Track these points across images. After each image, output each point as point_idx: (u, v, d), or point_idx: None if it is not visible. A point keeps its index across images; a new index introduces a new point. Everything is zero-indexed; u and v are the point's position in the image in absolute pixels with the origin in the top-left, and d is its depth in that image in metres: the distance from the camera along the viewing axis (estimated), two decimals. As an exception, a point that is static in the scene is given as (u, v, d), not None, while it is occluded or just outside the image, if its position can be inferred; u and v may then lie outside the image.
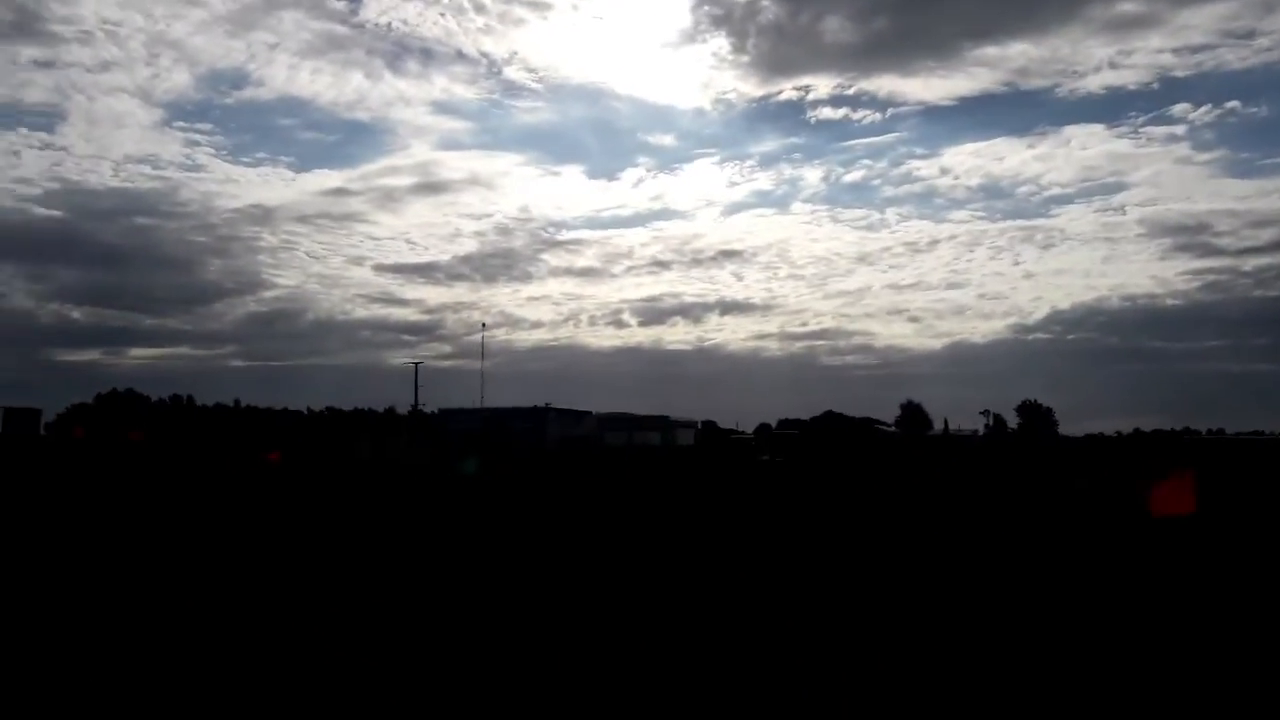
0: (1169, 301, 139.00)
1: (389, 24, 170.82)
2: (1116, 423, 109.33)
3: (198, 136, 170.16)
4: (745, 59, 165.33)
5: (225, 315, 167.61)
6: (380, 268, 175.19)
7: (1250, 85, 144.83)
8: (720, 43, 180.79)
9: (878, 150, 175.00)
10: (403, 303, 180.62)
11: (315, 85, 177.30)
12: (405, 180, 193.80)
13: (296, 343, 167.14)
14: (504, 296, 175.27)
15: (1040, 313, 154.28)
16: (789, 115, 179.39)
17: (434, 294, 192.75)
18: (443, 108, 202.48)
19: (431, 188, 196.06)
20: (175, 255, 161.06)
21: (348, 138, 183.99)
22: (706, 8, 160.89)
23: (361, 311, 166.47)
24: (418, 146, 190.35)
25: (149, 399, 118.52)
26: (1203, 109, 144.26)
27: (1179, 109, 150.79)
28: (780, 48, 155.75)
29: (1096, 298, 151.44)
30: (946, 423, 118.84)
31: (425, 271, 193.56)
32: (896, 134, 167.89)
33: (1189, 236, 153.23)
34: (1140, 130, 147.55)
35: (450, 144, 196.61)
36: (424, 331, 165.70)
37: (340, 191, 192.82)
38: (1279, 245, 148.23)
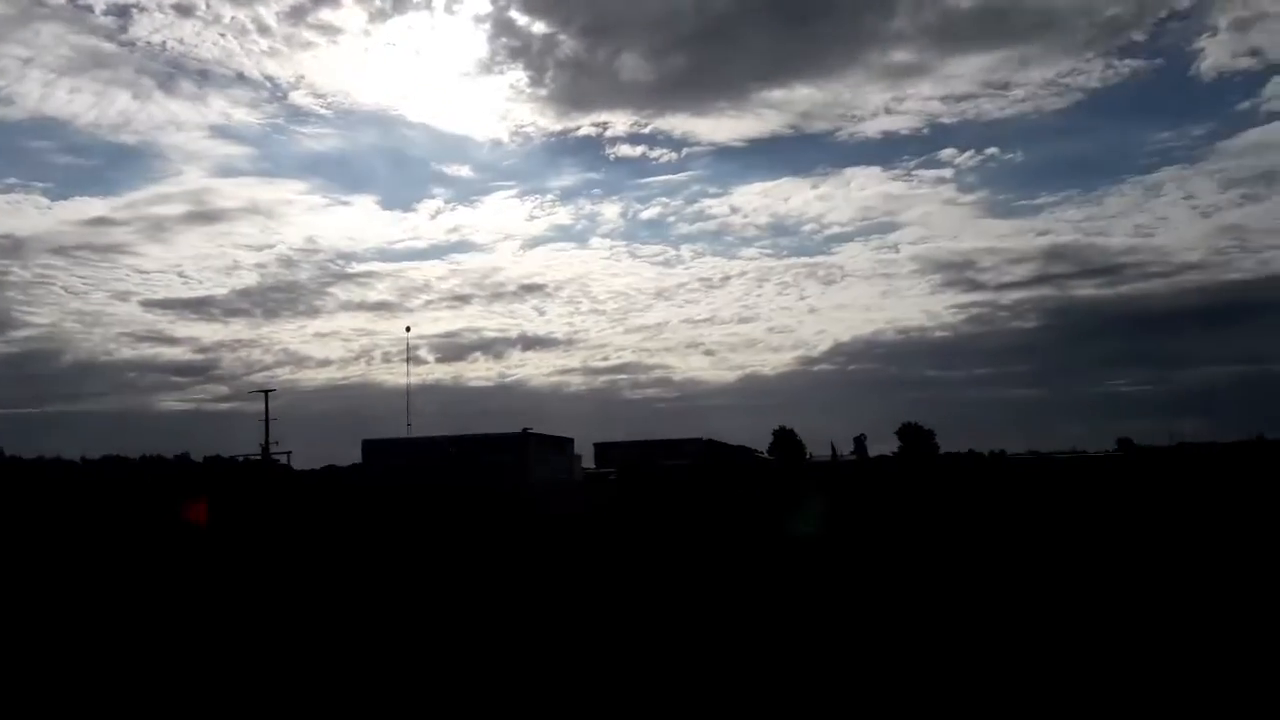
0: (938, 333, 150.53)
1: (162, 43, 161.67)
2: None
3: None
4: (543, 92, 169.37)
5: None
6: (148, 303, 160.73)
7: (1007, 133, 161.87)
8: (518, 75, 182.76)
9: (673, 188, 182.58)
10: (173, 341, 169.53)
11: (74, 105, 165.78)
12: (177, 209, 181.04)
13: (52, 386, 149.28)
14: (288, 333, 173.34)
15: (824, 345, 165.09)
16: (587, 150, 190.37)
17: (209, 331, 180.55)
18: (221, 132, 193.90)
19: (206, 217, 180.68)
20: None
21: (112, 162, 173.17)
22: (504, 39, 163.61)
23: (127, 351, 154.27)
24: (191, 173, 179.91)
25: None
26: (967, 154, 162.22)
27: (946, 153, 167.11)
28: (578, 82, 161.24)
29: (874, 330, 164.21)
30: (834, 447, 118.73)
31: (199, 307, 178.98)
32: (690, 172, 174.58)
33: (955, 273, 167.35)
34: (912, 173, 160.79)
35: (227, 170, 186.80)
36: (197, 372, 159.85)
37: (103, 221, 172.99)
38: (1033, 280, 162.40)
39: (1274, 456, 63.36)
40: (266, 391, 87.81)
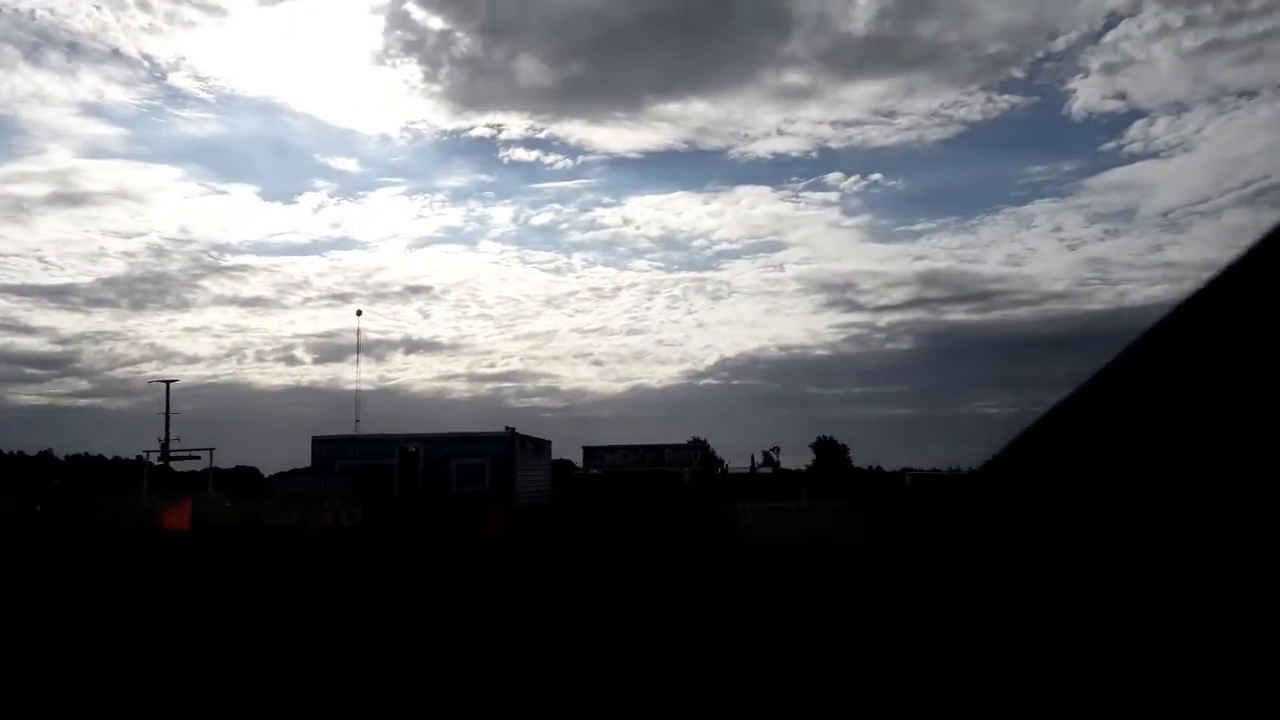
0: (819, 352, 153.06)
1: (30, 10, 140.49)
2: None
3: None
4: (437, 89, 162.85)
5: None
6: (2, 289, 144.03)
7: (890, 160, 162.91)
8: (412, 70, 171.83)
9: (566, 195, 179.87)
10: (29, 330, 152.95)
11: None
12: (39, 189, 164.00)
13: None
14: (155, 327, 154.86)
15: (710, 359, 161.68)
16: (481, 151, 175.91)
17: (69, 321, 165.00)
18: (91, 110, 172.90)
19: (71, 199, 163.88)
20: None
21: None
22: (399, 32, 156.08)
23: None
24: (56, 152, 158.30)
25: None
26: (852, 178, 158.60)
27: (832, 177, 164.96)
28: (474, 82, 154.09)
29: (758, 347, 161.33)
30: (754, 460, 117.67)
31: (59, 295, 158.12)
32: (584, 180, 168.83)
33: (837, 293, 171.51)
34: (800, 194, 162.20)
35: (97, 151, 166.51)
36: (55, 365, 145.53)
37: None
38: (908, 304, 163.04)
39: None
40: (168, 383, 78.97)
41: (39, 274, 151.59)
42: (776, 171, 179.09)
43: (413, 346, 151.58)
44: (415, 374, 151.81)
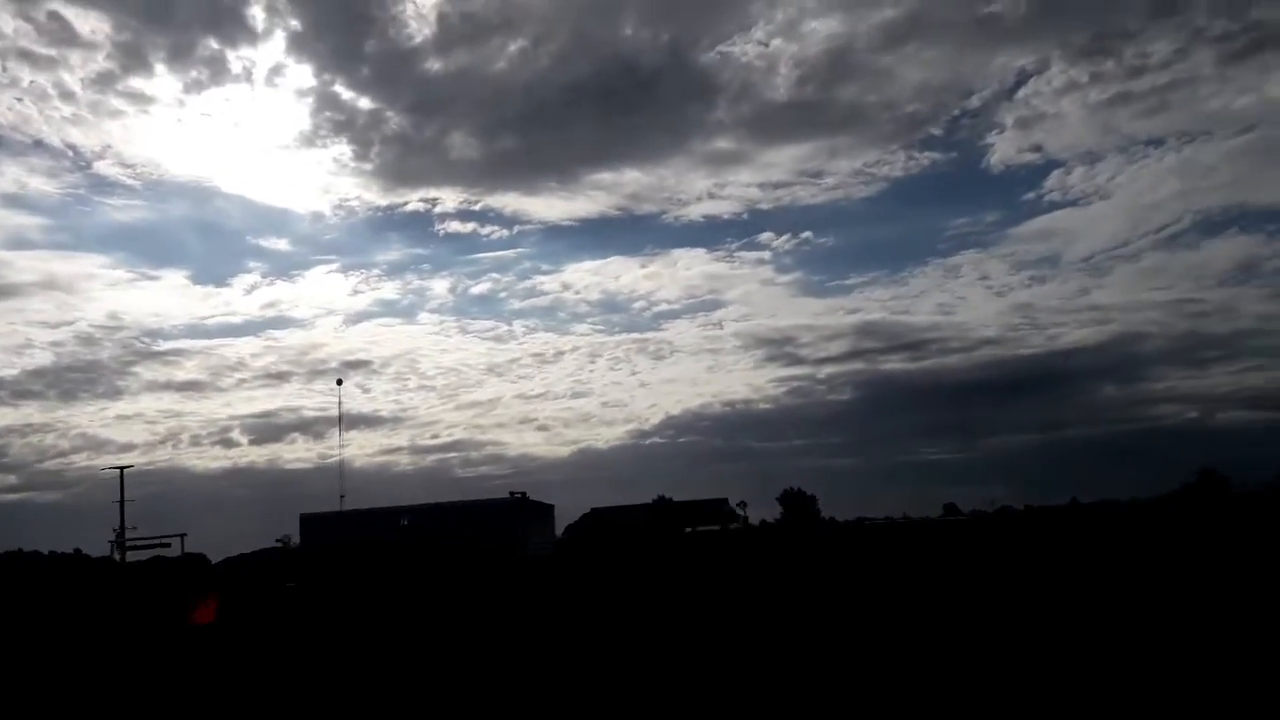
0: (761, 405, 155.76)
1: None
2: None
3: None
4: (369, 167, 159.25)
5: None
6: None
7: (818, 217, 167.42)
8: (342, 149, 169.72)
9: (504, 264, 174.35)
10: None
11: None
12: None
13: None
14: (86, 416, 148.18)
15: (655, 418, 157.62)
16: (415, 226, 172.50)
17: None
18: (13, 202, 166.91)
19: None
20: None
21: None
22: (328, 113, 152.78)
23: None
24: None
25: None
26: (783, 237, 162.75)
27: (764, 236, 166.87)
28: (406, 159, 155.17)
29: (702, 403, 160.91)
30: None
31: None
32: (521, 249, 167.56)
33: (776, 348, 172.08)
34: (734, 254, 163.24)
35: (19, 243, 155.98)
36: None
37: None
38: (846, 356, 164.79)
39: (1091, 518, 68.41)
40: (122, 469, 73.79)
41: None
42: (710, 234, 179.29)
43: (353, 422, 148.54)
44: (357, 449, 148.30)
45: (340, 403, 72.88)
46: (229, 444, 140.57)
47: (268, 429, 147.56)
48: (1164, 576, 23.57)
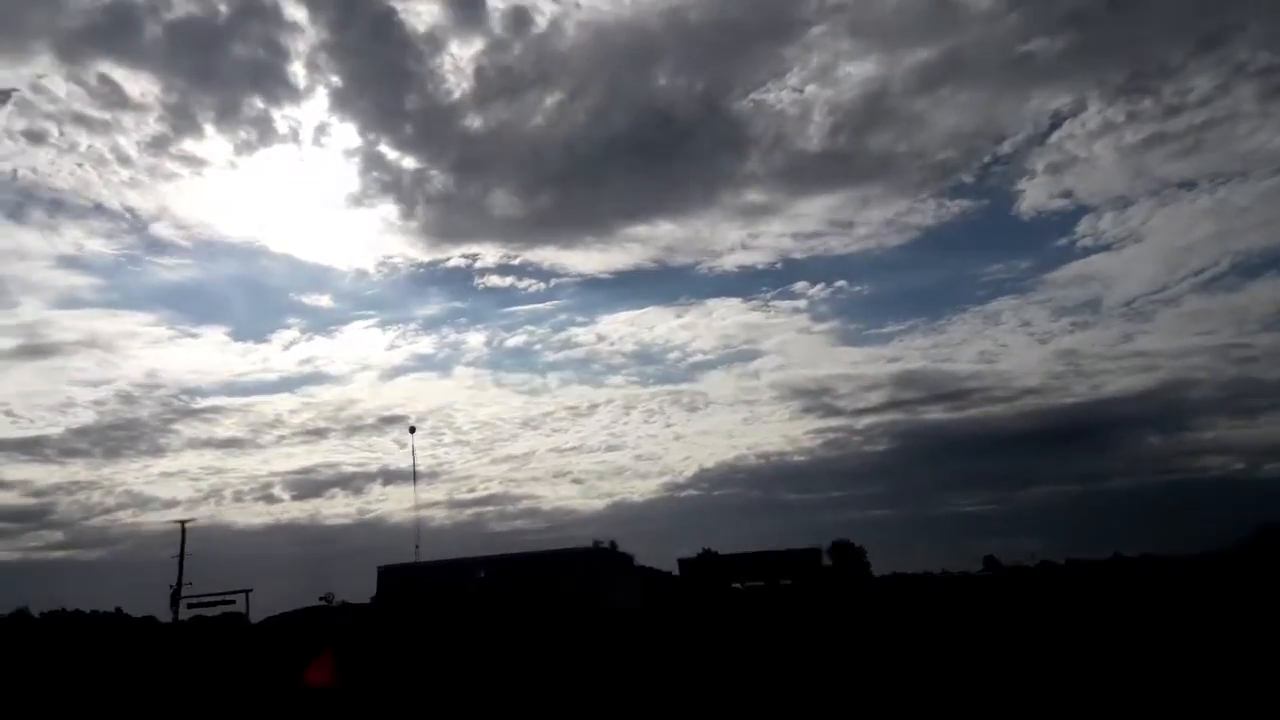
0: (797, 457, 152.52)
1: (13, 170, 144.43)
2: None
3: None
4: (414, 224, 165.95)
5: None
6: None
7: (852, 266, 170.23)
8: (389, 208, 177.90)
9: (540, 316, 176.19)
10: (1, 484, 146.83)
11: None
12: (7, 343, 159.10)
13: None
14: (130, 474, 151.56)
15: (690, 471, 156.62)
16: (456, 281, 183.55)
17: (42, 473, 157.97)
18: (68, 262, 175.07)
19: (39, 351, 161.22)
20: None
21: None
22: (375, 174, 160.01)
23: None
24: (29, 304, 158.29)
25: None
26: (818, 286, 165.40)
27: (799, 286, 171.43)
28: (449, 216, 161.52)
29: (737, 455, 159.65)
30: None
31: (30, 448, 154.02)
32: (557, 301, 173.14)
33: (812, 399, 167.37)
34: (769, 304, 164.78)
35: (70, 302, 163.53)
36: (30, 518, 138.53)
37: None
38: (884, 406, 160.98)
39: (1134, 572, 67.20)
40: (183, 523, 75.37)
41: (8, 427, 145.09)
42: (745, 283, 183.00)
43: (390, 477, 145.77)
44: (395, 504, 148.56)
45: (414, 451, 73.08)
46: (271, 500, 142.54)
47: (307, 484, 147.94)
48: (1225, 635, 22.81)
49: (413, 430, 72.68)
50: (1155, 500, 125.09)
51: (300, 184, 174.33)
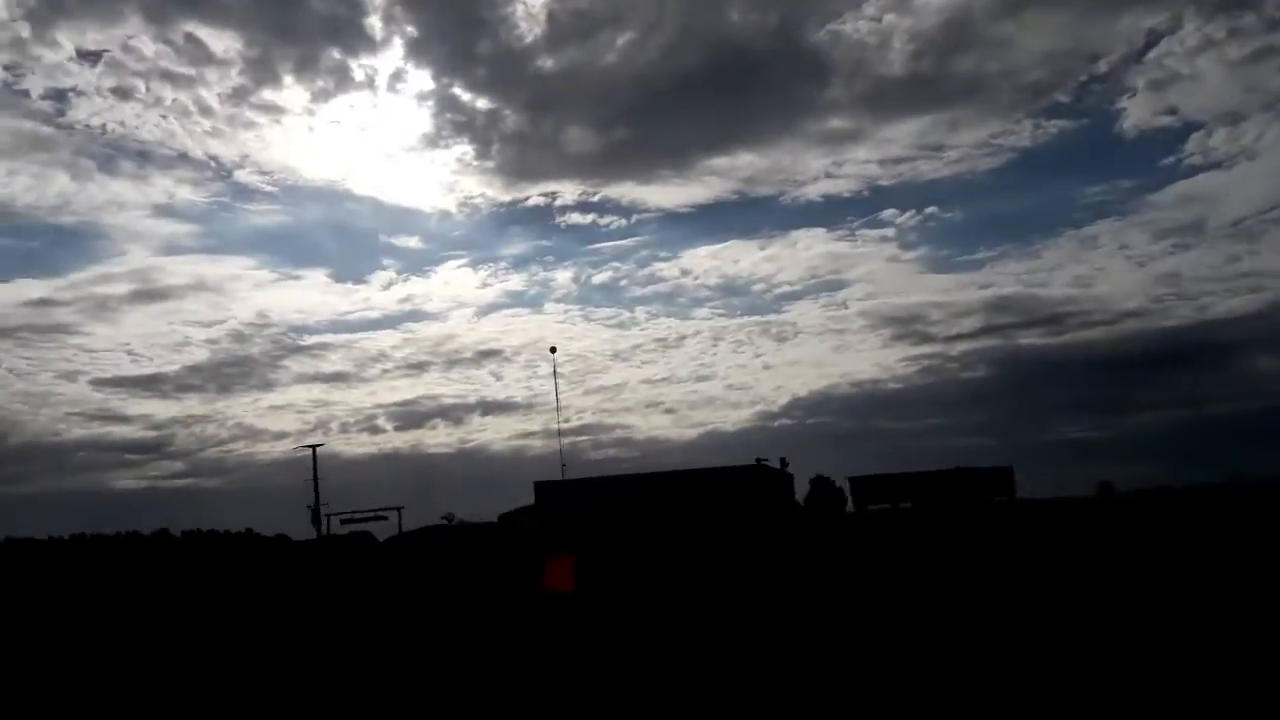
0: (891, 385, 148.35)
1: (102, 125, 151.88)
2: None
3: None
4: (490, 165, 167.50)
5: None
6: (98, 382, 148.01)
7: (942, 191, 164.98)
8: (464, 149, 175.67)
9: (623, 253, 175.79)
10: (125, 419, 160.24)
11: (12, 187, 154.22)
12: (122, 288, 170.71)
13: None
14: (242, 407, 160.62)
15: (782, 400, 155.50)
16: (537, 219, 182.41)
17: (161, 408, 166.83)
18: (164, 211, 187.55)
19: (153, 295, 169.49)
20: None
21: (53, 244, 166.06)
22: (448, 115, 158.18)
23: (78, 431, 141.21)
24: (136, 252, 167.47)
25: None
26: (907, 213, 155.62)
27: (887, 214, 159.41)
28: (525, 155, 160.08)
29: (829, 384, 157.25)
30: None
31: (150, 384, 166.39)
32: (640, 237, 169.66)
33: (903, 326, 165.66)
34: (856, 233, 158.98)
35: (172, 249, 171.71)
36: (151, 450, 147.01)
37: (46, 302, 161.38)
38: (979, 332, 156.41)
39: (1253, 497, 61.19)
40: (314, 447, 76.47)
41: (129, 366, 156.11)
42: (829, 213, 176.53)
43: (489, 408, 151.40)
44: (494, 434, 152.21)
45: (555, 371, 72.14)
46: (375, 430, 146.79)
47: (410, 416, 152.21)
48: None
49: (553, 350, 72.20)
50: (1268, 424, 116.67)
51: (377, 129, 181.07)
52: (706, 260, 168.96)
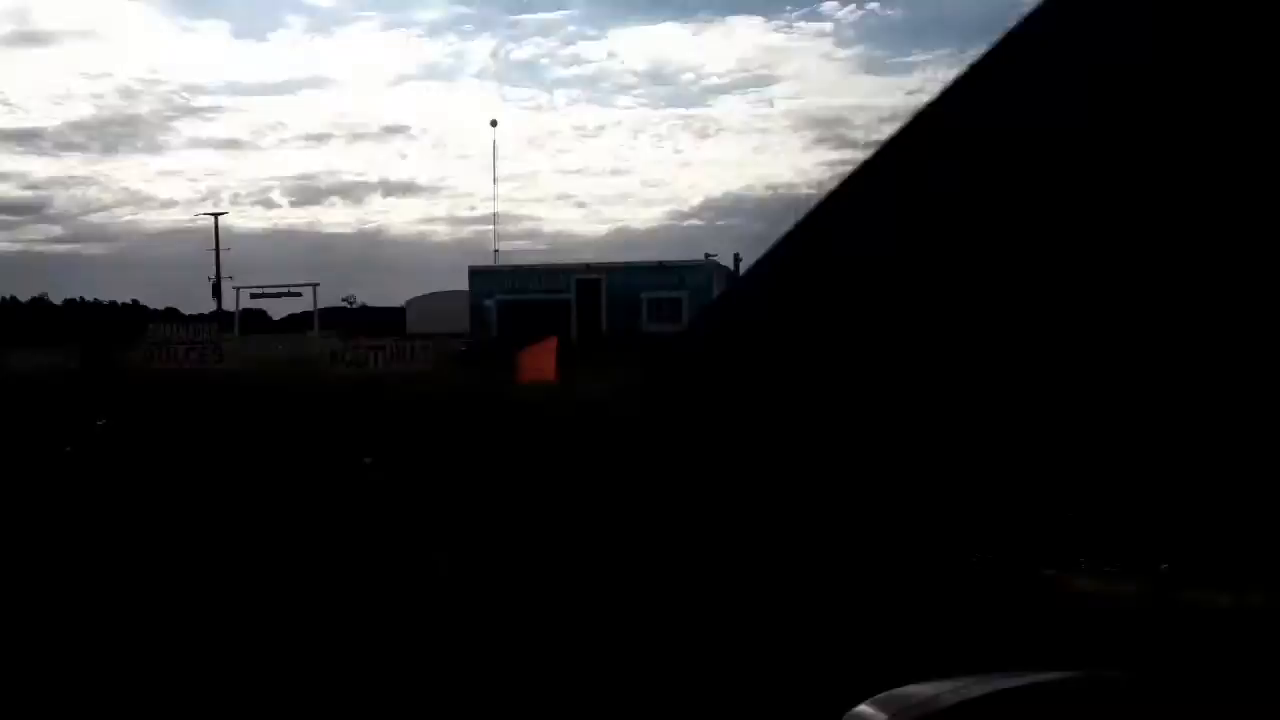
0: (805, 190, 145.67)
1: None
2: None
3: None
4: None
5: None
6: None
7: None
8: None
9: (549, 27, 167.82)
10: None
11: None
12: None
13: None
14: (129, 170, 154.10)
15: (695, 200, 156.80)
16: None
17: (39, 166, 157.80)
18: None
19: (30, 38, 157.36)
20: None
21: None
22: None
23: None
24: None
25: None
26: (848, 7, 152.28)
27: (828, 6, 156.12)
28: None
29: (745, 185, 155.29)
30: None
31: (26, 139, 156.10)
32: (568, 11, 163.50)
33: (826, 129, 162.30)
34: (794, 25, 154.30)
35: None
36: (27, 210, 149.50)
37: None
38: None
39: None
40: (216, 215, 69.18)
41: (3, 116, 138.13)
42: (770, 1, 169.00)
43: (391, 189, 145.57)
44: (397, 216, 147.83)
45: (495, 146, 66.23)
46: (269, 205, 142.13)
47: (307, 190, 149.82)
48: None
49: (494, 124, 66.00)
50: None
51: None
52: (636, 42, 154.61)
